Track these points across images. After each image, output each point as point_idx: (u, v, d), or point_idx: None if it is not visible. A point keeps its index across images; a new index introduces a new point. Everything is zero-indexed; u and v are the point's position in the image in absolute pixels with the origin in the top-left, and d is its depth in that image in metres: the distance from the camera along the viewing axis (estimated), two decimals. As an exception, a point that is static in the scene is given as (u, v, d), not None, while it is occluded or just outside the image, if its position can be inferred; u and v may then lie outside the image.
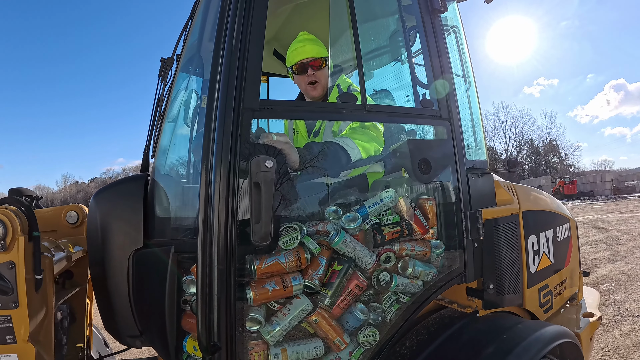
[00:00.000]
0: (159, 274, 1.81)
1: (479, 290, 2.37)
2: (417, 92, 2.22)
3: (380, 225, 2.04)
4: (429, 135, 2.43)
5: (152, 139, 2.50)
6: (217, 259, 1.48)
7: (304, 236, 1.83)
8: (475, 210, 2.20)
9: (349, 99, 1.97)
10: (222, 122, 1.56)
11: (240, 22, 1.68)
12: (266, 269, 1.73)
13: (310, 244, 1.84)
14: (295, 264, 1.78)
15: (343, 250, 1.89)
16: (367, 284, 2.00)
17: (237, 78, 1.64)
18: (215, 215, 1.49)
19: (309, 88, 2.65)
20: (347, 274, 1.92)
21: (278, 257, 1.76)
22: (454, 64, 2.45)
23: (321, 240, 1.91)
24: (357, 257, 1.92)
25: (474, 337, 2.17)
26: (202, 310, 1.48)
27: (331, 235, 1.87)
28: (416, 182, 2.15)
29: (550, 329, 2.26)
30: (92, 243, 2.14)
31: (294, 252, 1.79)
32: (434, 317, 2.40)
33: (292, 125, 2.94)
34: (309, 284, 1.84)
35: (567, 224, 3.22)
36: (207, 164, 1.52)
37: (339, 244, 1.86)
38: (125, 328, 2.10)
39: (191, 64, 2.36)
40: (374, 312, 2.02)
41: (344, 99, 1.98)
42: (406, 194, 2.18)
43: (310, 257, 1.82)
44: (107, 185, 2.21)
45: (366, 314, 1.96)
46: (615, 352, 4.62)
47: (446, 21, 2.69)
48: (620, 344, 4.79)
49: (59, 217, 2.74)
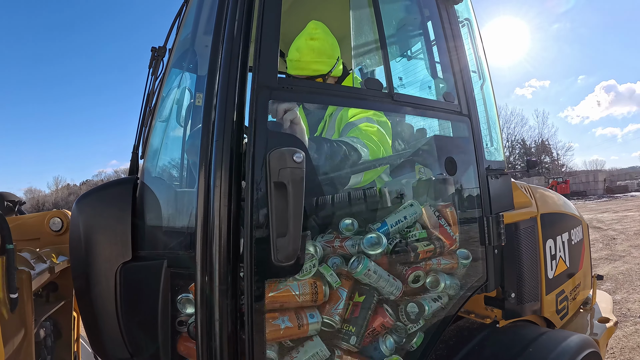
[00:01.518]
0: (150, 291, 1.64)
1: (498, 299, 2.25)
2: (437, 86, 2.05)
3: (407, 242, 1.81)
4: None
5: (142, 137, 2.29)
6: (219, 278, 1.27)
7: (322, 265, 1.60)
8: (496, 214, 2.04)
9: (375, 85, 1.75)
10: (222, 108, 1.35)
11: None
12: (275, 296, 1.48)
13: (330, 276, 1.61)
14: (311, 297, 1.54)
15: (366, 281, 1.66)
16: (394, 322, 1.77)
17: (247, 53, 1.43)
18: (217, 224, 1.29)
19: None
20: (372, 306, 1.68)
21: (291, 284, 1.51)
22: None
23: (340, 269, 1.68)
24: (381, 286, 1.69)
25: (498, 352, 2.06)
26: (202, 337, 1.29)
27: (352, 262, 1.64)
28: (439, 185, 1.96)
29: (575, 338, 2.15)
30: (75, 255, 1.94)
31: (310, 282, 1.54)
32: (451, 329, 2.27)
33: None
34: (328, 321, 1.59)
35: (580, 226, 3.11)
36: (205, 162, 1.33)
37: (362, 274, 1.63)
38: (114, 350, 1.89)
39: (185, 57, 2.16)
40: (397, 333, 1.81)
41: (370, 84, 1.77)
42: (427, 201, 1.99)
43: (328, 291, 1.59)
44: (90, 190, 1.99)
45: (392, 350, 1.74)
46: (620, 353, 4.55)
47: (458, 13, 2.56)
48: (625, 345, 4.72)
49: (42, 224, 2.58)
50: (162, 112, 2.19)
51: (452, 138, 2.18)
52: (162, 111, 2.19)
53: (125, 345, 1.86)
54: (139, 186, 1.93)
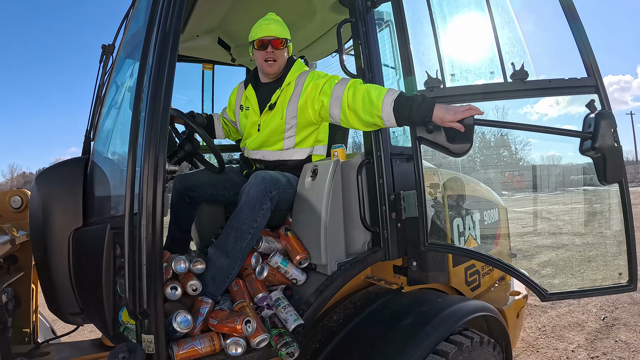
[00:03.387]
0: (96, 251, 1.88)
1: (403, 267, 2.53)
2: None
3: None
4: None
5: (93, 123, 2.58)
6: (145, 229, 1.59)
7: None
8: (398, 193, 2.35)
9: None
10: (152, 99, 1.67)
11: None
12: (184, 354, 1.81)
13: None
14: (210, 349, 1.88)
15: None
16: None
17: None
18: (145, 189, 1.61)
19: (265, 64, 2.73)
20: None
21: (194, 342, 1.86)
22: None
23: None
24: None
25: (395, 310, 2.31)
26: (129, 278, 1.58)
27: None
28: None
29: (470, 303, 2.42)
30: (34, 224, 2.22)
31: (208, 337, 1.90)
32: (361, 293, 2.55)
33: (239, 101, 3.04)
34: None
35: (496, 209, 3.42)
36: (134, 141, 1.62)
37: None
38: (67, 306, 2.18)
39: (130, 53, 2.43)
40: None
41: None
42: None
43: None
44: (48, 168, 2.29)
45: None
46: (552, 331, 4.91)
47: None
48: (557, 324, 5.10)
49: (3, 202, 2.77)
50: (110, 101, 2.48)
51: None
52: (110, 100, 2.48)
53: (77, 300, 2.14)
54: (90, 164, 2.22)
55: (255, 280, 2.32)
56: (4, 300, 2.38)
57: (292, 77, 2.73)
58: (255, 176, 2.40)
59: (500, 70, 2.15)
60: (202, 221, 3.20)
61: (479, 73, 2.33)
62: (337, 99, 2.44)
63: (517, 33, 2.35)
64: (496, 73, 2.21)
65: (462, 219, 2.81)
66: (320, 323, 2.30)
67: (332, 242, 2.34)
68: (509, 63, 2.14)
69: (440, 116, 2.05)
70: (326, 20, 3.59)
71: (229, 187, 2.91)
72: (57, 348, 2.56)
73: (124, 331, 1.91)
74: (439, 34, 2.24)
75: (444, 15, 2.34)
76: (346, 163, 2.48)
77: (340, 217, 2.40)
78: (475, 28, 2.44)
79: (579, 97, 2.17)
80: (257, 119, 2.83)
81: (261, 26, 2.70)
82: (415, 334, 2.07)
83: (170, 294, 2.00)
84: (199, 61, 4.15)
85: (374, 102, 2.23)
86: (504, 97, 2.19)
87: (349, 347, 2.14)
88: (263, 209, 2.33)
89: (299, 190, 2.61)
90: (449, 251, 2.62)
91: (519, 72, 2.10)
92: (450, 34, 2.38)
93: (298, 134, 2.73)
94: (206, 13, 3.35)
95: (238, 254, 2.29)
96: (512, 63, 2.14)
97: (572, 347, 4.45)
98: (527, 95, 2.15)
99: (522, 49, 2.31)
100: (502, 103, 6.70)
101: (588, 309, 5.46)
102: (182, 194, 2.86)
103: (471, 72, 2.32)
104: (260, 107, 2.83)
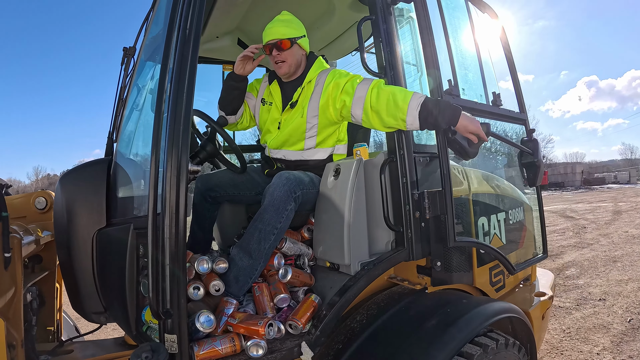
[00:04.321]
0: (119, 251, 1.90)
1: (427, 267, 2.49)
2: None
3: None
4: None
5: (116, 124, 2.61)
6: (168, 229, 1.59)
7: None
8: (422, 192, 2.31)
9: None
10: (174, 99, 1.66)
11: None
12: (204, 354, 1.82)
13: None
14: (231, 350, 1.88)
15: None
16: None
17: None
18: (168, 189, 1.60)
19: (276, 67, 2.75)
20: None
21: (214, 343, 1.87)
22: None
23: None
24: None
25: (419, 311, 2.28)
26: (153, 278, 1.59)
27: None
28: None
29: (496, 304, 2.36)
30: (59, 225, 2.23)
31: (229, 338, 1.91)
32: (384, 293, 2.51)
33: (261, 93, 3.02)
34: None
35: (521, 208, 3.36)
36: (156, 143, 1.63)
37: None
38: (90, 305, 2.19)
39: (151, 56, 2.44)
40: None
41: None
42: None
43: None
44: (72, 169, 2.31)
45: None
46: (577, 333, 4.79)
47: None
48: (582, 326, 4.96)
49: (28, 203, 2.80)
50: (132, 103, 2.49)
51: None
52: (132, 102, 2.49)
53: (100, 299, 2.16)
54: (113, 165, 2.24)
55: (278, 282, 2.32)
56: (29, 299, 2.41)
57: (313, 75, 2.72)
58: (279, 177, 2.39)
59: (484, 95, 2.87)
60: (223, 221, 3.21)
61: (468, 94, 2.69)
62: (359, 99, 2.42)
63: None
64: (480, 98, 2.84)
65: (487, 218, 2.77)
66: (343, 323, 2.28)
67: (355, 242, 2.32)
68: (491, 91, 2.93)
69: (465, 124, 2.15)
70: (345, 18, 3.57)
71: (250, 187, 2.91)
72: (80, 346, 2.58)
73: (147, 330, 1.93)
74: (452, 48, 2.52)
75: (455, 32, 2.67)
76: (369, 162, 2.46)
77: (364, 216, 2.38)
78: (472, 54, 2.90)
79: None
80: (278, 117, 2.82)
81: (266, 31, 2.72)
82: (440, 335, 2.03)
83: (192, 294, 2.01)
84: (219, 62, 4.16)
85: (400, 105, 2.21)
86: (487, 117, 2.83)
87: (373, 348, 2.11)
88: (287, 209, 2.32)
89: (321, 190, 2.59)
90: (478, 246, 2.64)
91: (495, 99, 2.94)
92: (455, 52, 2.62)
93: (319, 133, 2.72)
94: (225, 14, 3.36)
95: (261, 255, 2.29)
96: (492, 92, 2.95)
97: (597, 349, 4.34)
98: (497, 119, 3.01)
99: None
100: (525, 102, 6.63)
101: (613, 311, 5.33)
102: (204, 194, 2.86)
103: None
104: (283, 105, 2.83)
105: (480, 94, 2.87)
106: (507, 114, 3.11)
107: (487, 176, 3.09)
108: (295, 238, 2.59)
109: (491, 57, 3.21)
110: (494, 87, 3.03)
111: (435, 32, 2.42)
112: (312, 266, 2.63)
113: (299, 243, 2.54)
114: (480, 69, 2.90)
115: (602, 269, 7.39)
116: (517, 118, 3.27)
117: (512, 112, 3.19)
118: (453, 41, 2.57)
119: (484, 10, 3.28)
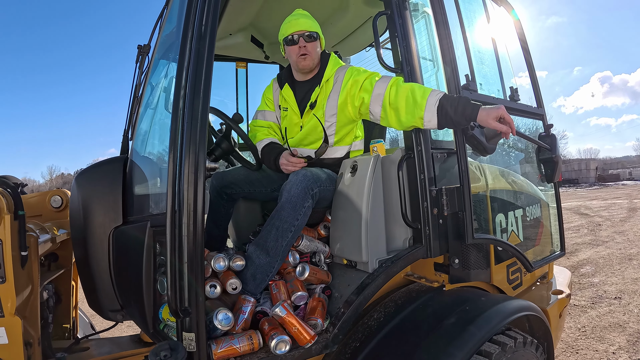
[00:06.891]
0: (136, 249, 1.88)
1: (445, 265, 2.47)
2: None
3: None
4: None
5: (131, 122, 2.61)
6: (186, 226, 1.57)
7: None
8: (440, 188, 2.28)
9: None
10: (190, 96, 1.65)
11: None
12: (222, 353, 1.80)
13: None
14: (249, 348, 1.86)
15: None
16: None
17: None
18: (185, 187, 1.59)
19: (299, 59, 2.69)
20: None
21: (232, 341, 1.84)
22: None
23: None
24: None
25: (437, 309, 2.26)
26: (171, 276, 1.57)
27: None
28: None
29: (514, 302, 2.34)
30: (75, 223, 2.24)
31: (247, 335, 1.88)
32: (402, 291, 2.49)
33: (277, 101, 3.00)
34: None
35: (538, 204, 3.32)
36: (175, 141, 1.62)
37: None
38: (107, 303, 2.20)
39: (165, 53, 2.44)
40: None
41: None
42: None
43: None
44: (88, 167, 2.31)
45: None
46: (592, 332, 4.75)
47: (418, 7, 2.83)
48: (597, 325, 4.93)
49: (44, 202, 2.81)
50: (146, 101, 2.49)
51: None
52: (146, 100, 2.49)
53: (117, 297, 2.16)
54: (129, 163, 2.23)
55: (295, 279, 2.30)
56: (45, 296, 2.43)
57: (331, 73, 2.70)
58: (296, 174, 2.37)
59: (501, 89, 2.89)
60: (239, 218, 3.20)
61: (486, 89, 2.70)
62: (378, 96, 2.40)
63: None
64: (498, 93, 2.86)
65: (504, 215, 2.74)
66: (361, 321, 2.26)
67: (373, 239, 2.29)
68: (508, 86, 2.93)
69: (485, 117, 2.08)
70: (359, 14, 3.55)
71: (266, 184, 2.89)
72: (96, 343, 2.60)
73: (164, 328, 1.92)
74: (468, 42, 2.52)
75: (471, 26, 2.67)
76: (386, 158, 2.43)
77: (381, 213, 2.35)
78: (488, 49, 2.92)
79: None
80: (298, 120, 2.80)
81: (290, 22, 2.68)
82: (459, 333, 2.00)
83: (209, 292, 1.99)
84: (233, 59, 4.16)
85: (418, 102, 2.19)
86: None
87: (390, 346, 2.09)
88: (304, 206, 2.30)
89: (338, 187, 2.57)
90: (496, 243, 2.61)
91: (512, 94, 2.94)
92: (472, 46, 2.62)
93: (337, 132, 2.70)
94: (239, 11, 3.35)
95: (279, 252, 2.28)
96: (510, 87, 2.94)
97: (612, 348, 4.30)
98: (515, 114, 2.93)
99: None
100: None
101: (629, 309, 5.28)
102: (219, 191, 2.85)
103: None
104: (300, 107, 2.80)
105: (497, 88, 2.84)
106: (525, 109, 3.07)
107: (504, 172, 3.06)
108: (311, 235, 2.57)
109: (508, 52, 3.17)
110: (510, 81, 2.99)
111: (451, 26, 2.41)
112: (329, 264, 2.61)
113: (315, 240, 2.52)
114: (497, 64, 2.87)
115: (618, 267, 7.33)
116: (535, 113, 3.23)
117: (529, 107, 3.15)
118: (469, 35, 2.55)
119: (500, 4, 3.24)
